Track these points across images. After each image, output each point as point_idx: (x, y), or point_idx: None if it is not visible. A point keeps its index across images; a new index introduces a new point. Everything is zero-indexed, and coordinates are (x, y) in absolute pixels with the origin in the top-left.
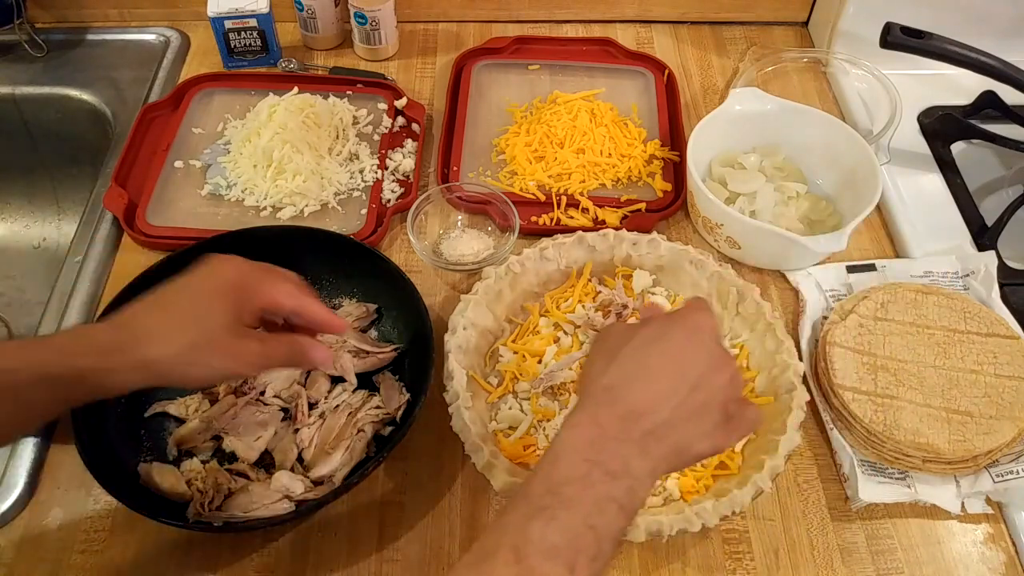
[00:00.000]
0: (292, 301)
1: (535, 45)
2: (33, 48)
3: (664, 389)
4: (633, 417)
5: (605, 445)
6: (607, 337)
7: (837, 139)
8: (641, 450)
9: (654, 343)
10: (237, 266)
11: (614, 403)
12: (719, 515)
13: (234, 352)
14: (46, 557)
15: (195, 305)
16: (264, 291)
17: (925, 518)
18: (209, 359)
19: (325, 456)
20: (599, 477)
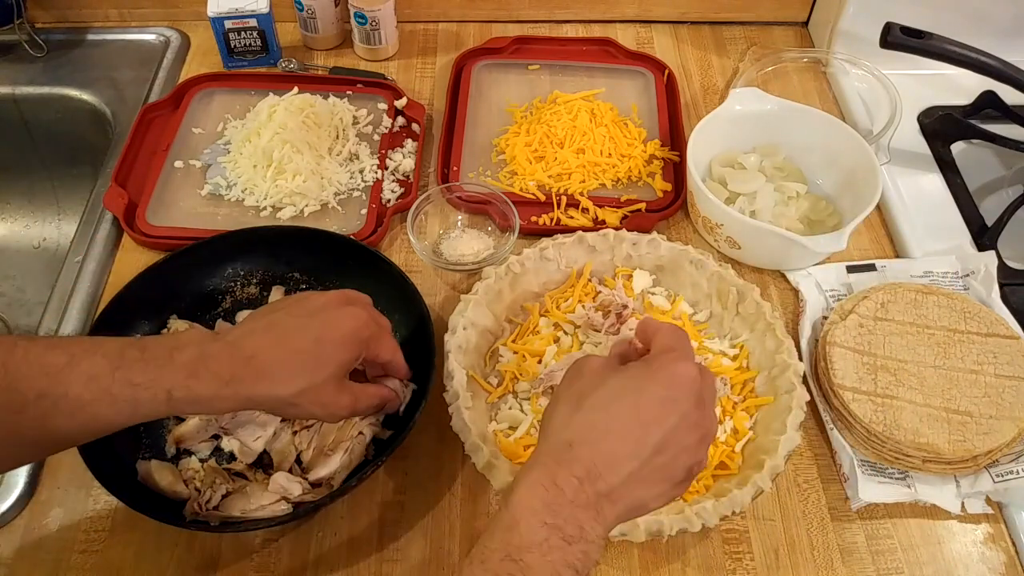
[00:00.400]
0: (389, 356)
1: (535, 45)
2: (33, 48)
3: (627, 451)
4: (590, 479)
5: (562, 509)
6: (577, 376)
7: (837, 139)
8: (596, 513)
9: (624, 397)
10: (362, 319)
11: (573, 463)
12: (719, 515)
13: (331, 403)
14: (46, 557)
15: (317, 353)
16: (375, 348)
17: (925, 518)
18: (309, 407)
19: (324, 458)
20: (556, 543)
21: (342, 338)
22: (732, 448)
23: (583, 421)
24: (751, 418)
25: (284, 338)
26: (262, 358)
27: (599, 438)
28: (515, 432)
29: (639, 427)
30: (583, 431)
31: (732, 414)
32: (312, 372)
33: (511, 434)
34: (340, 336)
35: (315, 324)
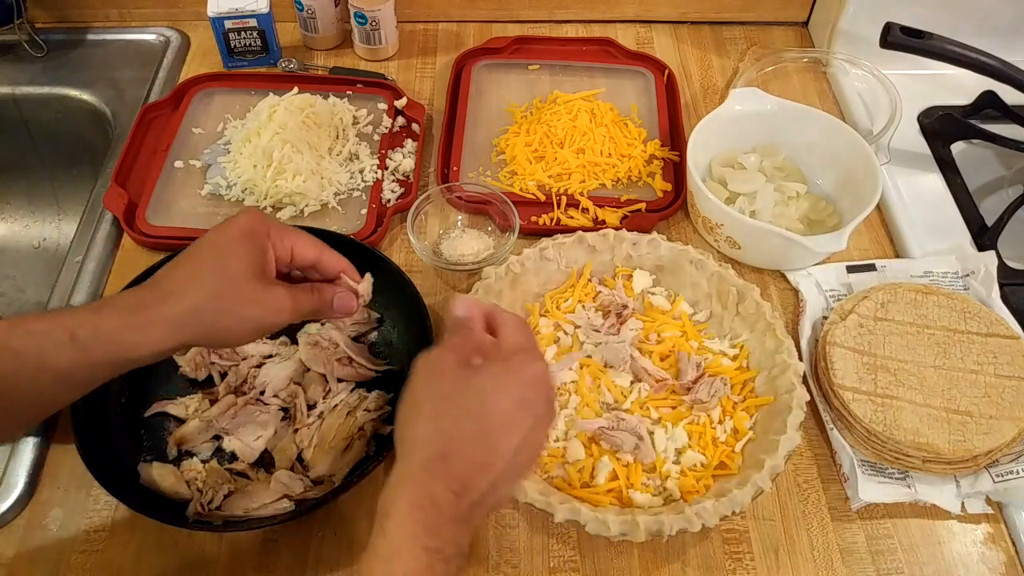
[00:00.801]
0: (312, 251)
1: (535, 45)
2: (33, 48)
3: (496, 456)
4: (466, 492)
5: (442, 529)
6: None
7: (837, 139)
8: (467, 525)
9: (489, 399)
10: (254, 214)
11: (448, 477)
12: (719, 515)
13: (261, 300)
14: (46, 557)
15: (215, 253)
16: (284, 239)
17: (925, 518)
18: (235, 307)
19: (325, 456)
20: (438, 567)
21: (238, 234)
22: (732, 448)
23: (454, 430)
24: (751, 418)
25: (180, 259)
26: (166, 280)
27: (470, 447)
28: None
29: (504, 432)
30: (455, 441)
31: (732, 414)
32: (216, 274)
33: None
34: (232, 234)
35: (209, 236)
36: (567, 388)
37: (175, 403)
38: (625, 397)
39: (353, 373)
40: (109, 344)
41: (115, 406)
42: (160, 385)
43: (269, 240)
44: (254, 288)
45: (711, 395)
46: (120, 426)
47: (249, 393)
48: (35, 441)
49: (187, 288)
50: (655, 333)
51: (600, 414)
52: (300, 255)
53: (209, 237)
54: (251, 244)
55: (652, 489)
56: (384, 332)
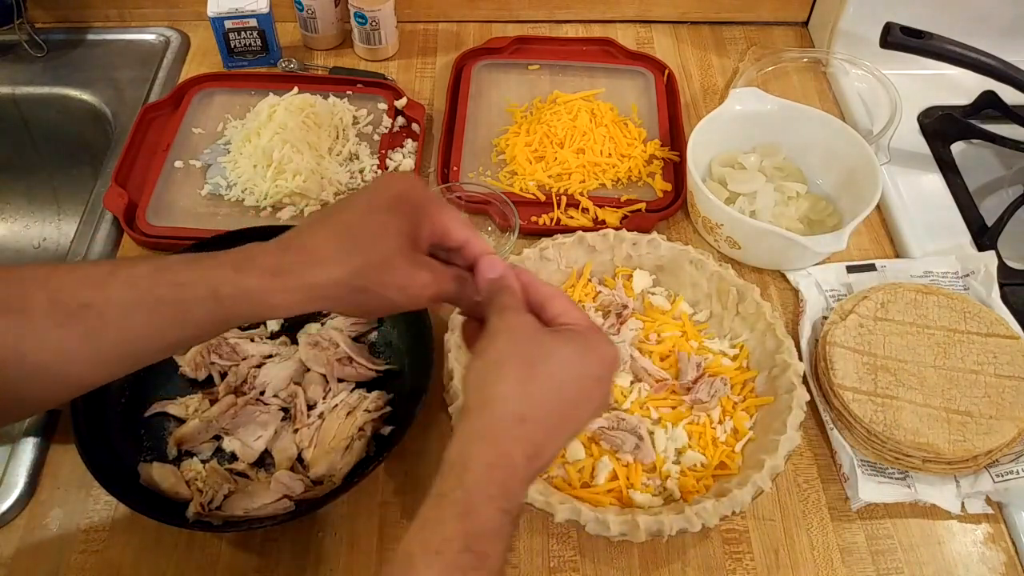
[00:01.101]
0: (464, 232)
1: (535, 45)
2: (33, 48)
3: (568, 430)
4: (537, 456)
5: (512, 489)
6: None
7: (837, 139)
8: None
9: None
10: (412, 178)
11: (526, 441)
12: (719, 515)
13: (406, 284)
14: (46, 557)
15: (368, 222)
16: (438, 214)
17: (925, 518)
18: (379, 288)
19: (325, 456)
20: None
21: (389, 202)
22: (732, 448)
23: (537, 395)
24: (751, 418)
25: (326, 218)
26: (309, 242)
27: (548, 415)
28: None
29: (581, 406)
30: (536, 407)
31: (732, 414)
32: (367, 248)
33: None
34: (387, 201)
35: (360, 196)
36: None
37: (175, 403)
38: (625, 397)
39: (353, 373)
40: (248, 304)
41: (115, 406)
42: (160, 385)
43: (427, 214)
44: (401, 269)
45: (711, 395)
46: (120, 426)
47: (249, 393)
48: (35, 441)
49: (333, 258)
50: (655, 333)
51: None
52: (453, 236)
53: (364, 197)
54: (407, 216)
55: (652, 489)
56: (384, 332)
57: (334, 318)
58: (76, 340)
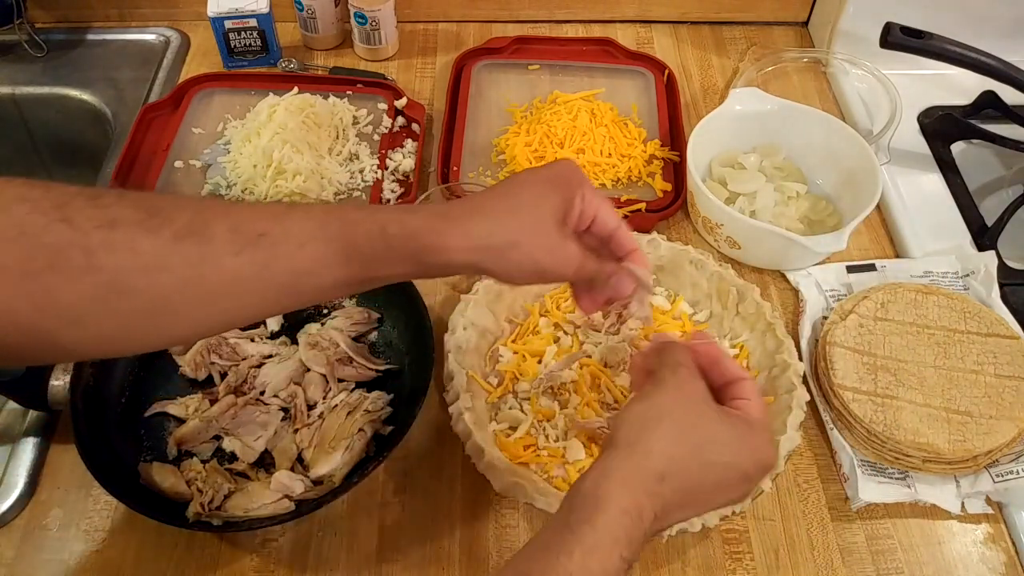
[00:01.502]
0: (614, 221)
1: (535, 45)
2: (33, 48)
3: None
4: (664, 516)
5: (637, 543)
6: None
7: (837, 139)
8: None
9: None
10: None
11: (658, 498)
12: (719, 515)
13: (554, 248)
14: (46, 557)
15: (529, 191)
16: (593, 199)
17: (925, 518)
18: (529, 247)
19: (325, 456)
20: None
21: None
22: None
23: (682, 462)
24: None
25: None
26: (477, 200)
27: (685, 485)
28: (515, 432)
29: (716, 490)
30: (679, 471)
31: None
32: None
33: (511, 434)
34: (550, 177)
35: (525, 173)
36: (567, 388)
37: (175, 403)
38: (625, 397)
39: (353, 373)
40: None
41: (115, 406)
42: (160, 385)
43: (580, 194)
44: (552, 235)
45: None
46: (120, 426)
47: (249, 393)
48: (35, 441)
49: (493, 213)
50: (655, 333)
51: (600, 414)
52: (602, 221)
53: (525, 175)
54: (563, 192)
55: None
56: (384, 332)
57: (334, 318)
58: (251, 267)
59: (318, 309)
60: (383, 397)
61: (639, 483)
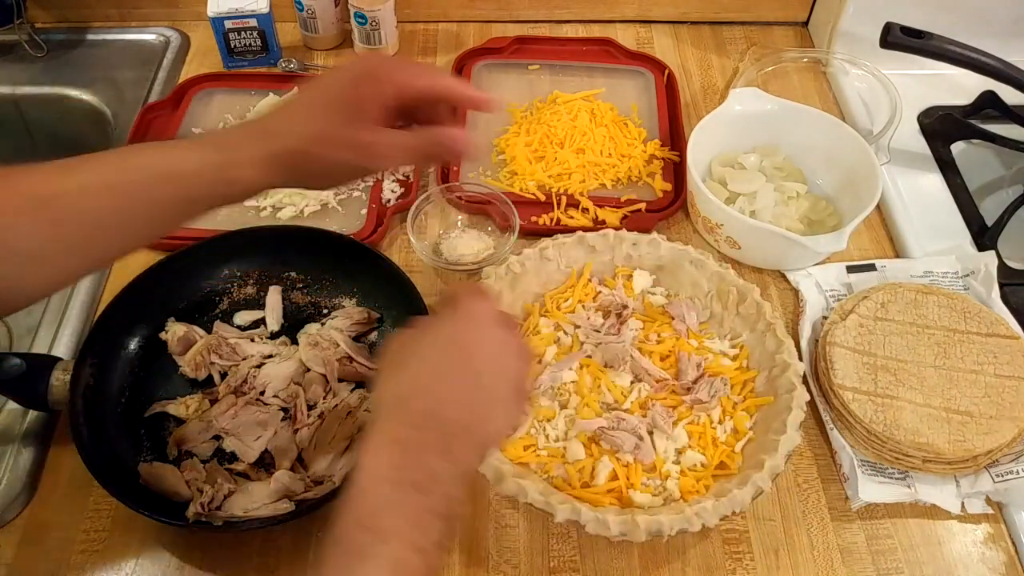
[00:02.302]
0: (424, 80)
1: (535, 45)
2: (33, 48)
3: (456, 386)
4: (428, 424)
5: (406, 460)
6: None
7: (837, 139)
8: (445, 455)
9: (437, 342)
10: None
11: (408, 415)
12: (719, 515)
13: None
14: (46, 557)
15: (321, 98)
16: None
17: (925, 518)
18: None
19: (325, 455)
20: (411, 496)
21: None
22: (732, 448)
23: (409, 376)
24: (751, 418)
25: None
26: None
27: (427, 383)
28: (515, 432)
29: (459, 361)
30: (410, 384)
31: (732, 414)
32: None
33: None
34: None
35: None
36: (567, 388)
37: (175, 403)
38: (625, 397)
39: (353, 373)
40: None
41: (115, 406)
42: (160, 385)
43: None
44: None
45: (711, 395)
46: (120, 426)
47: (249, 393)
48: (35, 442)
49: (287, 130)
50: (655, 333)
51: (600, 414)
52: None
53: (321, 80)
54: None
55: (652, 489)
56: (384, 332)
57: (334, 318)
58: (48, 227)
59: (318, 309)
60: None
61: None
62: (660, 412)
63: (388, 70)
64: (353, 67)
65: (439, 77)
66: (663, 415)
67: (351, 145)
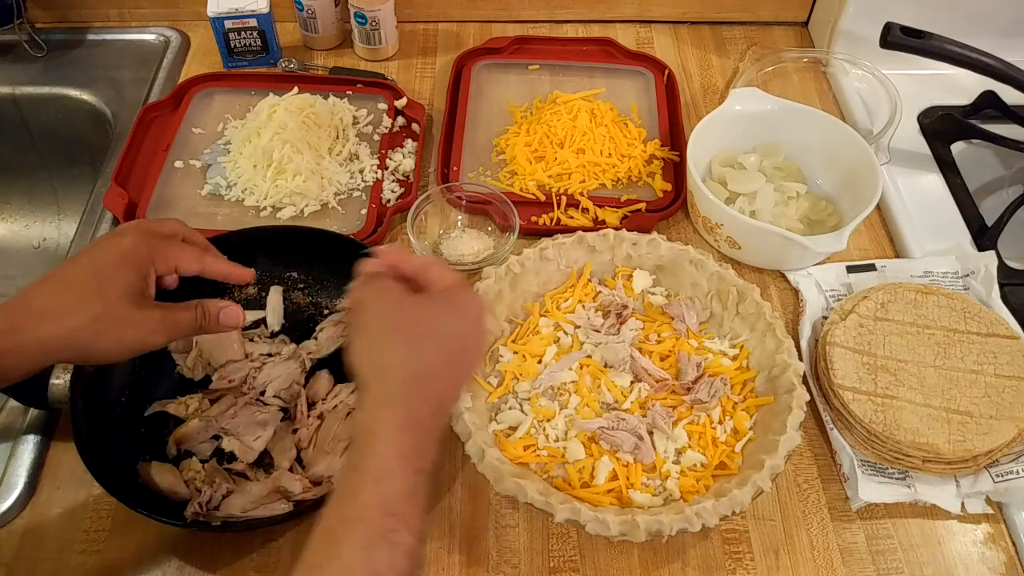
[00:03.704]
0: (194, 265)
1: (535, 45)
2: (33, 48)
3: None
4: (441, 411)
5: (424, 447)
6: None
7: (837, 139)
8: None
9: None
10: (136, 234)
11: (427, 398)
12: (719, 515)
13: (138, 322)
14: (46, 557)
15: (94, 277)
16: (168, 259)
17: (925, 518)
18: (113, 330)
19: (324, 456)
20: (422, 484)
21: (118, 258)
22: (732, 448)
23: (427, 354)
24: (751, 418)
25: (55, 276)
26: (39, 301)
27: (442, 369)
28: (515, 432)
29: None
30: (428, 363)
31: (732, 414)
32: (94, 299)
33: (511, 434)
34: (115, 256)
35: (88, 255)
36: (567, 388)
37: (175, 403)
38: (625, 397)
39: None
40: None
41: (115, 406)
42: (160, 385)
43: (151, 263)
44: (131, 312)
45: (711, 395)
46: (120, 426)
47: (249, 393)
48: (35, 441)
49: (60, 313)
50: (655, 333)
51: (600, 414)
52: (184, 270)
53: (90, 256)
54: (132, 268)
55: (652, 489)
56: None
57: (323, 329)
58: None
59: (319, 309)
60: None
61: (401, 395)
62: (660, 412)
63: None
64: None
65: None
66: (663, 415)
67: (132, 323)
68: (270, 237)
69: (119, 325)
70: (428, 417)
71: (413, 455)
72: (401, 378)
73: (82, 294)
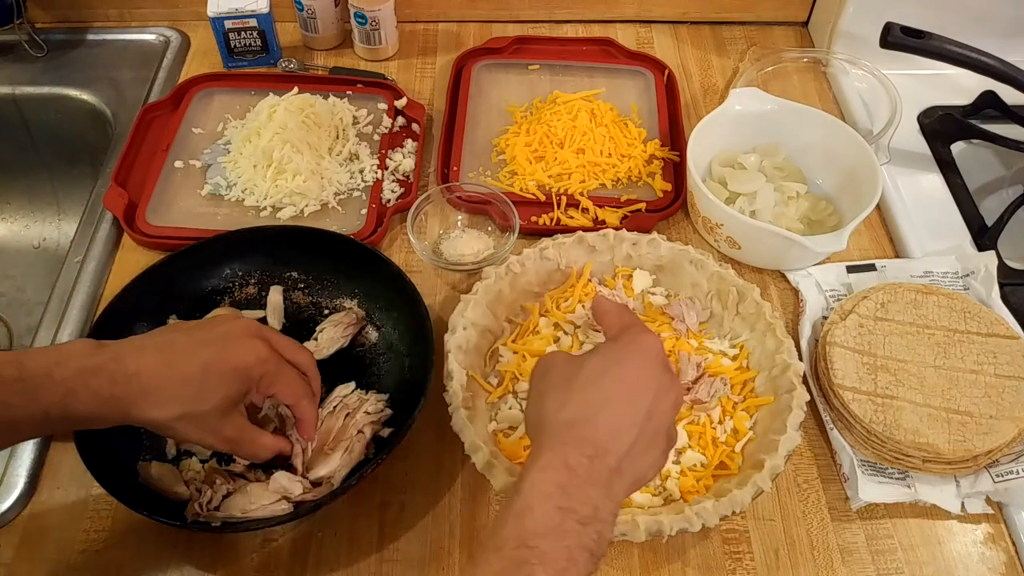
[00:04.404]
0: (290, 400)
1: (535, 45)
2: (33, 48)
3: (625, 422)
4: (600, 456)
5: (576, 490)
6: (550, 369)
7: (837, 139)
8: (607, 491)
9: (608, 371)
10: (261, 355)
11: (581, 442)
12: (719, 515)
13: (215, 430)
14: (46, 557)
15: (202, 381)
16: (272, 384)
17: (925, 518)
18: (190, 431)
19: (324, 457)
20: (572, 526)
21: (232, 370)
22: (732, 448)
23: (579, 400)
24: (751, 418)
25: (172, 360)
26: (145, 378)
27: (597, 413)
28: (515, 432)
29: (629, 396)
30: (581, 409)
31: (732, 414)
32: (193, 401)
33: (511, 434)
34: (231, 368)
35: (208, 351)
36: None
37: None
38: None
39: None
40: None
41: None
42: None
43: (257, 385)
44: (216, 420)
45: (711, 395)
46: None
47: None
48: (35, 441)
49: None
50: None
51: None
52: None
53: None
54: (239, 384)
55: (652, 489)
56: (385, 333)
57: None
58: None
59: (319, 310)
60: (383, 399)
61: (551, 441)
62: None
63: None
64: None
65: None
66: None
67: (215, 434)
68: (270, 237)
69: (199, 428)
70: (581, 460)
71: (556, 493)
72: (552, 426)
73: (184, 392)
